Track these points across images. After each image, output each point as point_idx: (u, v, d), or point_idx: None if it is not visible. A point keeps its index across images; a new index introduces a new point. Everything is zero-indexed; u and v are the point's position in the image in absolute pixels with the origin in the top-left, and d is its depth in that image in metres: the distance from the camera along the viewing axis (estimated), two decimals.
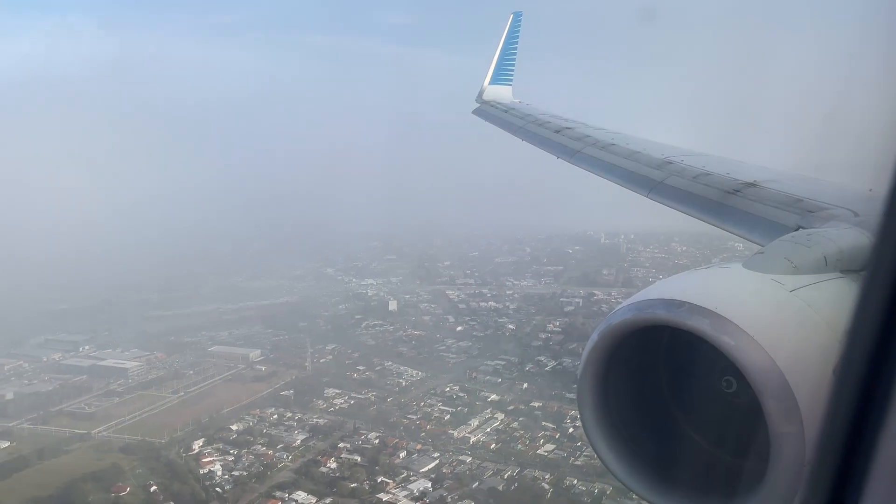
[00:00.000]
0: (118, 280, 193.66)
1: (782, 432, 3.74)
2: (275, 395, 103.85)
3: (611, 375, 4.60)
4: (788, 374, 3.77)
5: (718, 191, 9.07)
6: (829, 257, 5.01)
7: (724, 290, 4.46)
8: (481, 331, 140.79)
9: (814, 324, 4.21)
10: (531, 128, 16.64)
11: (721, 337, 3.89)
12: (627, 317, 4.34)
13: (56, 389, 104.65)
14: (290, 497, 74.13)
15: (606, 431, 4.66)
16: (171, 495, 73.50)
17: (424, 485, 76.28)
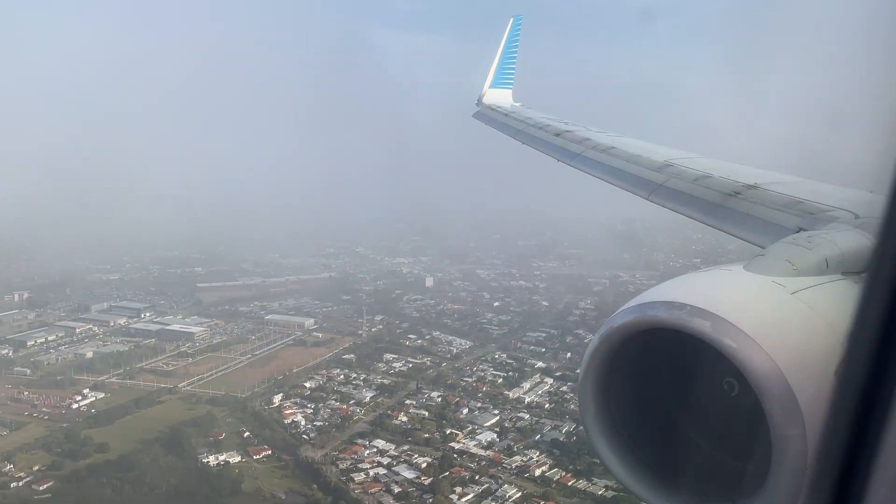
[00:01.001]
0: (159, 254, 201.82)
1: (784, 435, 3.71)
2: (337, 358, 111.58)
3: (612, 378, 4.55)
4: (790, 377, 3.74)
5: (719, 193, 9.08)
6: (831, 259, 4.99)
7: (725, 292, 4.46)
8: (517, 307, 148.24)
9: (815, 326, 4.18)
10: (531, 131, 16.70)
11: (722, 339, 3.87)
12: (629, 319, 4.31)
13: (131, 350, 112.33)
14: (370, 444, 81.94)
15: (608, 434, 4.63)
16: (263, 440, 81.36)
17: (490, 436, 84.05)
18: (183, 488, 69.66)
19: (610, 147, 12.85)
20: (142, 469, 72.28)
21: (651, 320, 4.19)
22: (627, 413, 4.71)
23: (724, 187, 9.14)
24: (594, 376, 4.55)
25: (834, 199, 7.68)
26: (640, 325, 4.26)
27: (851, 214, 6.83)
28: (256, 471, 74.23)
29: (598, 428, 4.67)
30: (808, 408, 3.70)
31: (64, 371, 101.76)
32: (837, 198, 7.72)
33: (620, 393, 4.66)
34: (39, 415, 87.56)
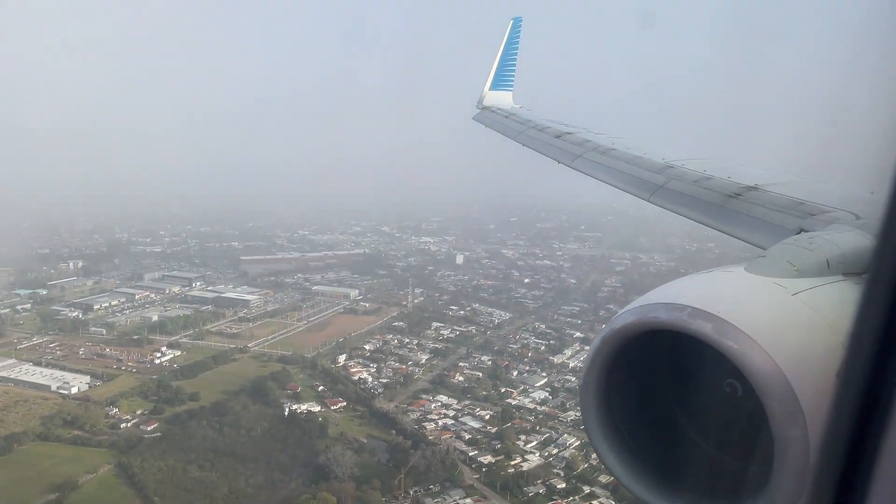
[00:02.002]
0: (193, 229, 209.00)
1: (786, 436, 3.71)
2: (387, 325, 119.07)
3: (614, 379, 4.53)
4: (791, 378, 3.73)
5: (719, 194, 9.11)
6: (832, 260, 5.01)
7: (726, 293, 4.46)
8: (547, 283, 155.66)
9: (816, 327, 4.18)
10: (532, 133, 16.77)
11: (724, 341, 3.87)
12: (630, 321, 4.28)
13: (192, 314, 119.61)
14: (434, 399, 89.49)
15: (610, 435, 4.62)
16: (337, 393, 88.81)
17: (543, 394, 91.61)
18: (275, 431, 77.19)
19: (610, 149, 12.89)
20: (235, 415, 79.75)
21: (652, 322, 4.17)
22: (629, 414, 4.68)
23: (725, 189, 9.15)
24: (596, 377, 4.52)
25: (834, 199, 7.67)
26: (642, 327, 4.24)
27: (852, 215, 6.80)
28: (336, 419, 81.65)
29: (599, 429, 4.61)
30: (809, 409, 3.68)
31: (137, 331, 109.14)
32: (838, 199, 7.70)
33: (622, 394, 4.62)
34: (127, 368, 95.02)
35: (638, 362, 4.56)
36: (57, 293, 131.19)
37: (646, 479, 4.55)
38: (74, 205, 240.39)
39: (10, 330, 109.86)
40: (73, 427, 76.22)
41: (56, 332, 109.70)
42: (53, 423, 76.56)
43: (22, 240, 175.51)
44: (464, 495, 67.25)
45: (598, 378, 4.52)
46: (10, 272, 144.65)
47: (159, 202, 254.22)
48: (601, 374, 4.51)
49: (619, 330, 4.33)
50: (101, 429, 76.33)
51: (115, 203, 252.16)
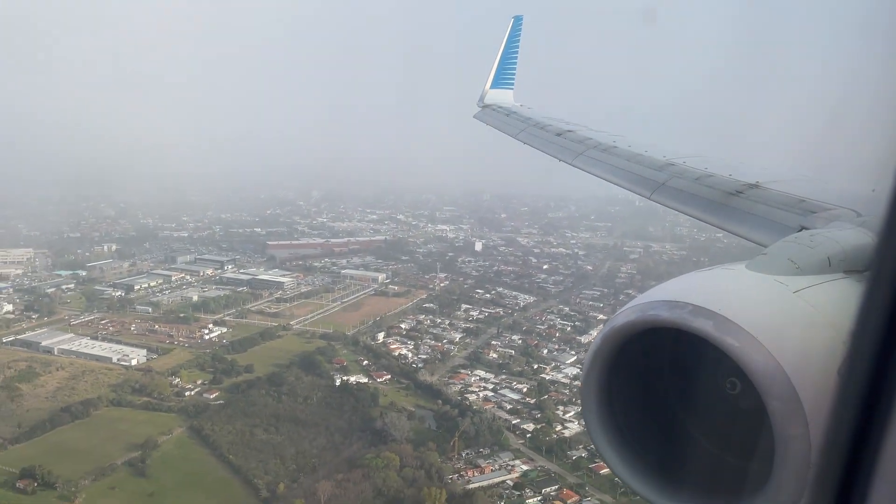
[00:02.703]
0: (213, 216, 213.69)
1: (787, 434, 3.72)
2: (418, 306, 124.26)
3: (615, 377, 4.52)
4: (793, 376, 3.74)
5: (721, 192, 9.14)
6: (833, 258, 5.01)
7: (727, 291, 4.45)
8: (565, 269, 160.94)
9: (818, 325, 4.19)
10: (533, 131, 16.85)
11: (725, 338, 3.87)
12: (631, 318, 4.25)
13: (230, 295, 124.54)
14: (472, 373, 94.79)
15: (611, 434, 4.62)
16: (381, 367, 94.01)
17: (574, 370, 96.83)
18: (330, 400, 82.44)
19: (611, 146, 12.96)
20: (290, 385, 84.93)
21: (653, 319, 4.14)
22: (630, 412, 4.67)
23: (726, 186, 9.20)
24: (597, 375, 4.48)
25: (836, 197, 7.73)
26: (643, 325, 4.21)
27: (854, 213, 6.82)
28: (383, 390, 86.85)
29: (600, 427, 4.60)
30: (811, 407, 3.69)
31: (182, 310, 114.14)
32: (839, 196, 7.76)
33: (623, 392, 4.61)
34: (179, 343, 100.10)
35: (639, 360, 4.54)
36: (97, 274, 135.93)
37: (647, 478, 4.53)
38: (88, 192, 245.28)
39: (59, 308, 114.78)
40: (142, 394, 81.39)
41: (104, 310, 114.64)
42: (123, 391, 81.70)
43: (52, 224, 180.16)
44: (512, 457, 72.64)
45: (599, 376, 4.50)
46: (47, 254, 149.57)
47: (175, 189, 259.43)
48: (602, 373, 4.49)
49: (619, 328, 4.32)
50: (168, 396, 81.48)
51: (130, 190, 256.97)
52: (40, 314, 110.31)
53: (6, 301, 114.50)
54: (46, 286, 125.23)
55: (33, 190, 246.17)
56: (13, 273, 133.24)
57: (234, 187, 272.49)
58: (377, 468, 65.85)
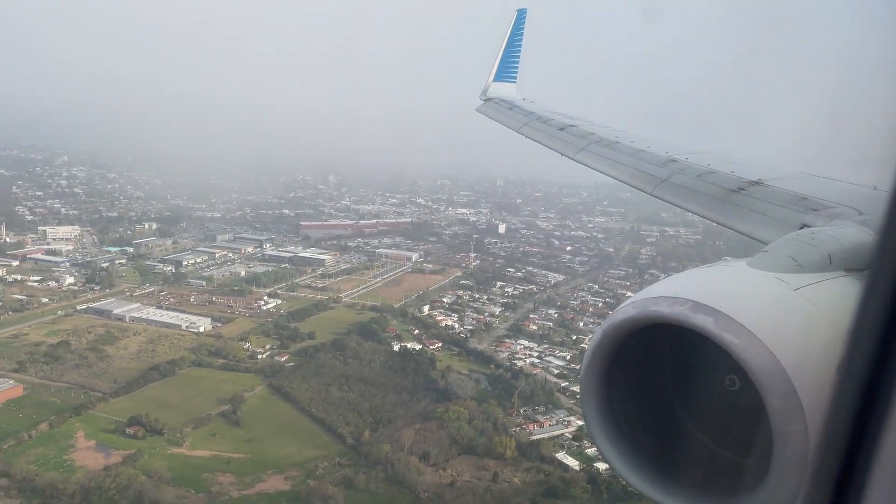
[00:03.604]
0: (241, 198, 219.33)
1: (785, 431, 3.73)
2: (455, 283, 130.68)
3: (614, 373, 4.54)
4: (792, 373, 3.76)
5: (723, 189, 9.17)
6: (834, 256, 5.03)
7: (727, 288, 4.48)
8: (588, 251, 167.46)
9: (818, 322, 4.19)
10: (535, 125, 16.87)
11: (724, 335, 3.88)
12: (631, 314, 4.27)
13: (275, 271, 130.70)
14: (516, 342, 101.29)
15: (610, 429, 4.64)
16: (432, 336, 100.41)
17: None
18: (392, 363, 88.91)
19: (614, 142, 12.96)
20: (352, 350, 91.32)
21: (653, 315, 4.14)
22: (629, 408, 4.67)
23: (728, 183, 9.23)
24: (596, 371, 4.51)
25: (837, 195, 7.72)
26: (643, 321, 4.21)
27: (855, 211, 6.83)
28: (437, 356, 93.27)
29: (599, 422, 4.62)
30: (809, 404, 3.70)
31: (234, 284, 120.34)
32: (841, 194, 7.76)
33: (622, 388, 4.62)
34: (239, 313, 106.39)
35: (639, 356, 4.54)
36: (144, 251, 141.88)
37: (645, 473, 4.52)
38: (109, 174, 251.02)
39: (117, 281, 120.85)
40: (218, 357, 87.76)
41: (159, 283, 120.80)
42: (201, 353, 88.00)
43: (90, 204, 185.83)
44: (567, 414, 79.23)
45: (598, 371, 4.50)
46: (91, 232, 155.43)
47: (193, 171, 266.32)
48: (602, 368, 4.49)
49: (620, 323, 4.31)
50: (243, 359, 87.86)
51: (150, 172, 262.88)
52: (101, 286, 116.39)
53: (67, 274, 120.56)
54: (100, 261, 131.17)
55: (57, 170, 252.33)
56: (65, 249, 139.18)
57: (254, 171, 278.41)
58: (449, 420, 72.42)
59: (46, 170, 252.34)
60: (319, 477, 62.74)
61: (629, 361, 4.54)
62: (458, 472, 65.31)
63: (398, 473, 63.31)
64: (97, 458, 63.86)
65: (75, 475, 60.30)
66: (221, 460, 64.98)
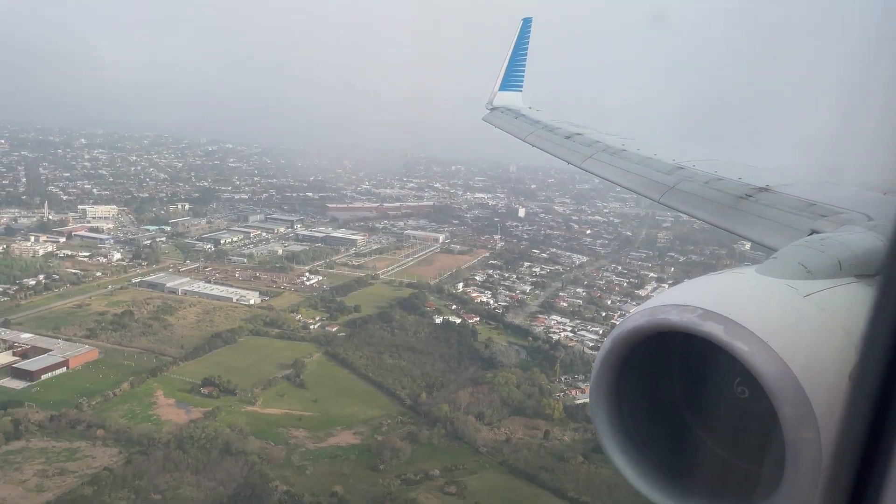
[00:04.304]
0: (262, 181, 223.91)
1: (798, 439, 3.68)
2: (484, 263, 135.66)
3: (624, 381, 4.53)
4: (804, 380, 3.71)
5: (730, 195, 9.16)
6: (844, 262, 4.98)
7: (737, 295, 4.44)
8: (607, 235, 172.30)
9: (829, 329, 4.15)
10: (541, 133, 17.00)
11: (735, 343, 3.85)
12: (640, 322, 4.27)
13: (310, 250, 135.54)
14: (549, 318, 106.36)
15: (620, 438, 4.63)
16: (469, 311, 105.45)
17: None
18: (437, 333, 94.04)
19: (620, 150, 13.15)
20: (397, 322, 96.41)
21: (663, 323, 4.14)
22: (639, 416, 4.66)
23: (736, 190, 9.26)
24: (606, 379, 4.50)
25: (846, 201, 7.68)
26: (652, 329, 4.21)
27: (864, 216, 6.81)
28: (478, 329, 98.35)
29: (609, 431, 4.60)
30: (822, 412, 3.65)
31: (274, 261, 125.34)
32: (850, 200, 7.73)
33: (632, 396, 4.61)
34: (285, 288, 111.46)
35: (649, 364, 4.52)
36: (182, 229, 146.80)
37: (656, 482, 4.50)
38: (130, 157, 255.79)
39: (161, 258, 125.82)
40: (273, 327, 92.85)
41: (202, 260, 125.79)
42: (256, 323, 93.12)
43: (119, 185, 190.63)
44: None
45: (608, 379, 4.49)
46: (127, 211, 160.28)
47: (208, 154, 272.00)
48: (611, 376, 4.48)
49: (629, 332, 4.31)
50: (296, 329, 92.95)
51: (168, 154, 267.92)
52: (148, 262, 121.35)
53: (114, 250, 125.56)
54: (142, 239, 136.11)
55: (78, 152, 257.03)
56: (105, 227, 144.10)
57: (269, 155, 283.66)
58: (498, 384, 77.64)
59: (68, 152, 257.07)
60: (385, 433, 67.94)
61: (639, 370, 4.52)
62: (512, 431, 70.61)
63: (457, 430, 68.58)
64: (179, 414, 69.11)
65: (164, 427, 65.52)
66: (293, 417, 70.23)
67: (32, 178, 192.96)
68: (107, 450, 61.38)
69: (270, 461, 61.14)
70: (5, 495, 53.60)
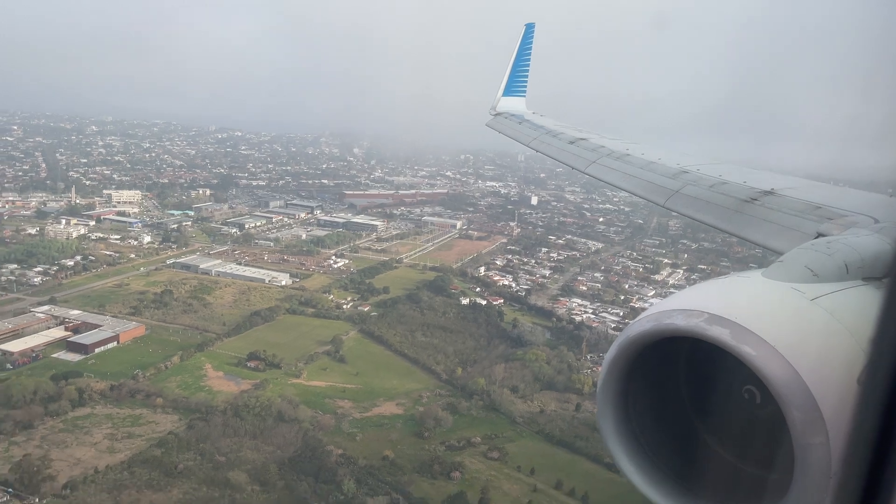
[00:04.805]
0: (276, 168, 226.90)
1: (807, 443, 3.65)
2: (502, 248, 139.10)
3: (631, 386, 4.52)
4: (812, 384, 3.68)
5: (735, 199, 9.11)
6: (851, 265, 4.96)
7: (743, 299, 4.41)
8: (619, 223, 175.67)
9: (836, 333, 4.12)
10: (545, 139, 16.87)
11: (742, 347, 3.83)
12: (647, 327, 4.26)
13: (332, 235, 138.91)
14: (570, 300, 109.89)
15: (627, 442, 4.61)
16: (493, 293, 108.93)
17: (655, 301, 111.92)
18: (465, 314, 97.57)
19: (625, 154, 13.17)
20: (426, 302, 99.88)
21: (669, 328, 4.13)
22: (646, 421, 4.65)
23: (741, 193, 9.23)
24: (613, 384, 4.49)
25: (853, 203, 7.65)
26: (659, 333, 4.20)
27: (871, 219, 6.81)
28: (503, 311, 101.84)
29: (616, 436, 4.59)
30: (830, 416, 3.62)
31: (300, 245, 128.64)
32: (856, 202, 7.69)
33: (639, 401, 4.60)
34: (314, 270, 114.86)
35: (655, 369, 4.51)
36: (205, 214, 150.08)
37: (663, 487, 4.48)
38: (143, 144, 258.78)
39: (189, 241, 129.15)
40: (308, 306, 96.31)
41: (229, 243, 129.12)
42: (292, 303, 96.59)
43: (137, 171, 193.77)
44: None
45: (615, 384, 4.48)
46: (150, 197, 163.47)
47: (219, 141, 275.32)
48: (618, 381, 4.47)
49: (635, 337, 4.30)
50: (330, 308, 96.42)
51: (180, 141, 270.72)
52: (177, 245, 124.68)
53: (143, 233, 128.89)
54: (168, 223, 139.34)
55: (91, 138, 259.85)
56: (131, 211, 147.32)
57: (278, 142, 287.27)
58: (529, 361, 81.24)
59: (81, 138, 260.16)
60: (426, 404, 71.56)
61: (646, 375, 4.54)
62: (545, 403, 74.24)
63: (494, 402, 72.23)
64: (230, 385, 72.66)
65: (218, 397, 69.10)
66: (337, 389, 73.82)
67: (52, 164, 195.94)
68: (167, 416, 64.95)
69: (322, 428, 64.75)
70: (81, 456, 57.20)
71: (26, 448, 57.52)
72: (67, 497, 51.48)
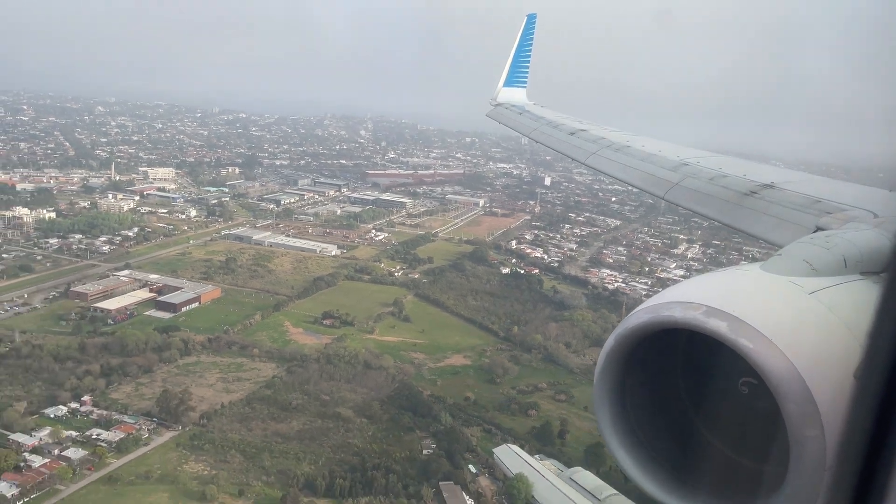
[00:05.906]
0: (293, 150, 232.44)
1: (802, 436, 3.67)
2: (527, 224, 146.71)
3: (628, 378, 4.50)
4: (808, 378, 3.70)
5: (735, 192, 9.10)
6: (849, 259, 4.96)
7: (741, 292, 4.39)
8: (632, 202, 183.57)
9: (834, 327, 4.12)
10: (545, 130, 16.90)
11: (739, 339, 3.82)
12: (644, 319, 4.23)
13: (366, 211, 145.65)
14: (600, 271, 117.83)
15: (624, 435, 4.59)
16: (528, 264, 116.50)
17: (681, 271, 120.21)
18: (507, 281, 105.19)
19: (625, 146, 13.15)
20: (470, 271, 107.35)
21: (667, 320, 4.10)
22: (643, 413, 4.63)
23: (741, 186, 9.21)
24: (610, 376, 4.48)
25: (852, 198, 7.61)
26: (656, 326, 4.16)
27: (870, 213, 6.77)
28: (542, 279, 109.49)
29: (613, 428, 4.57)
30: (826, 409, 3.64)
31: (339, 220, 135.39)
32: (855, 197, 7.67)
33: (636, 393, 4.58)
34: (358, 242, 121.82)
35: (652, 361, 4.50)
36: (240, 191, 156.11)
37: (660, 479, 4.49)
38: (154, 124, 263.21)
39: (233, 216, 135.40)
40: (363, 273, 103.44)
41: (271, 217, 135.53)
42: (348, 270, 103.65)
43: (159, 150, 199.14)
44: None
45: (612, 376, 4.48)
46: (182, 174, 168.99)
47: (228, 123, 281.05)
48: (615, 373, 4.46)
49: (633, 329, 4.26)
50: (383, 275, 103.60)
51: (190, 123, 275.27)
52: (223, 218, 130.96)
53: (188, 208, 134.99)
54: (208, 199, 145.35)
55: (103, 118, 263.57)
56: (169, 187, 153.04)
57: (286, 123, 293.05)
58: (577, 320, 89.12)
59: (93, 118, 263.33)
60: (490, 356, 79.25)
61: (643, 367, 4.52)
62: (596, 357, 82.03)
63: (551, 355, 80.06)
64: (312, 340, 79.81)
65: (305, 349, 76.30)
66: (408, 344, 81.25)
67: (75, 143, 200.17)
68: (266, 364, 72.10)
69: (405, 375, 72.26)
70: (203, 394, 64.31)
71: (152, 388, 64.56)
72: (206, 426, 58.69)
